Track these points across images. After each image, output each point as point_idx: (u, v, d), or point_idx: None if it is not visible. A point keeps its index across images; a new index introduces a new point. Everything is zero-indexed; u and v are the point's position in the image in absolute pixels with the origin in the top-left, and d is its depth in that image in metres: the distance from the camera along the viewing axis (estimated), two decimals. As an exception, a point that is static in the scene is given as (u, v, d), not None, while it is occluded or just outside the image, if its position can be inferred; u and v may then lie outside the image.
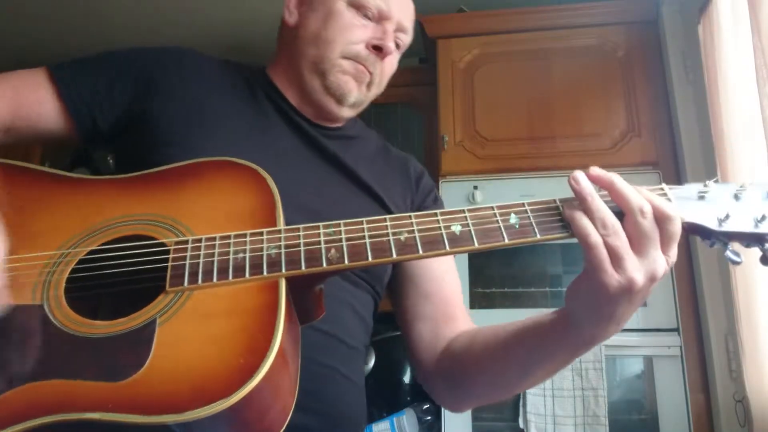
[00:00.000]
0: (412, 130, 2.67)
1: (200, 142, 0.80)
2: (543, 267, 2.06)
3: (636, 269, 0.57)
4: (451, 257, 0.95)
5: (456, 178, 2.18)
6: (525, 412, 1.88)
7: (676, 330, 1.91)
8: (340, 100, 0.90)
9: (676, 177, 2.05)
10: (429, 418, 2.14)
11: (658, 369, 1.89)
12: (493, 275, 2.09)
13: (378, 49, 0.89)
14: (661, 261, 0.58)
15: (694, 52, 1.99)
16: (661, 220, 0.58)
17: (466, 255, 2.07)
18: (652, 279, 0.58)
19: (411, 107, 2.68)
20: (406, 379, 2.21)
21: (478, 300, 2.06)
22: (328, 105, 0.91)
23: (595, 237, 0.58)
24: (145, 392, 0.50)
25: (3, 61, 2.97)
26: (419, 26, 2.40)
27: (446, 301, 0.91)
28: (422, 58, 2.75)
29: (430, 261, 0.92)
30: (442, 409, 1.98)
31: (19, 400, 0.51)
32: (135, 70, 0.87)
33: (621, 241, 0.58)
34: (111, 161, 2.92)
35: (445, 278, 0.93)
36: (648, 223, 0.58)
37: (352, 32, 0.88)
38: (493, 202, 2.06)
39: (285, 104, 0.92)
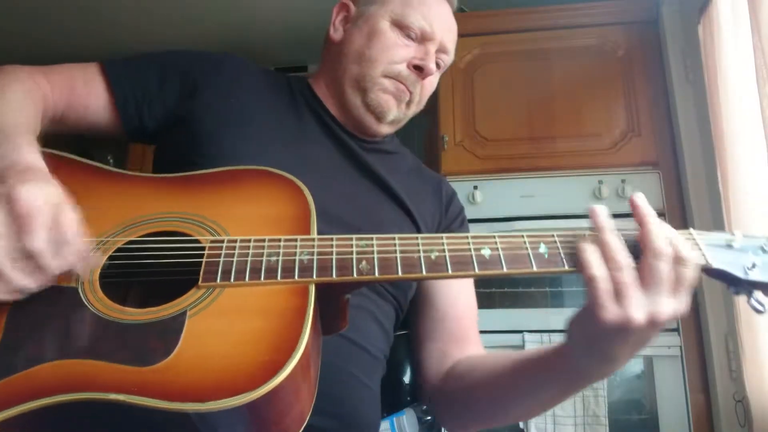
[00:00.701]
0: (412, 130, 2.67)
1: (239, 146, 0.82)
2: (543, 267, 2.06)
3: (637, 308, 0.56)
4: (470, 281, 0.97)
5: (456, 178, 2.17)
6: (525, 412, 1.88)
7: (676, 330, 1.91)
8: (379, 117, 0.92)
9: (676, 177, 2.05)
10: (429, 418, 2.14)
11: (658, 369, 1.89)
12: (493, 275, 2.09)
13: (419, 69, 0.91)
14: (668, 306, 0.57)
15: (694, 52, 1.99)
16: (678, 262, 0.58)
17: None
18: (652, 322, 0.57)
19: (411, 107, 2.68)
20: (406, 379, 2.21)
21: (478, 300, 2.06)
22: (367, 121, 0.93)
23: (594, 270, 0.58)
24: (170, 379, 0.51)
25: (3, 61, 2.97)
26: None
27: (458, 322, 0.92)
28: (422, 58, 2.75)
29: (449, 281, 0.93)
30: (442, 409, 1.98)
31: (48, 375, 0.52)
32: (183, 72, 0.89)
33: (626, 278, 0.57)
34: (111, 161, 2.92)
35: (460, 300, 0.94)
36: (664, 265, 0.57)
37: (395, 52, 0.90)
38: (493, 202, 2.06)
39: (325, 114, 0.94)
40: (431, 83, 0.97)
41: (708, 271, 0.64)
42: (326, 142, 0.92)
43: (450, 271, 0.61)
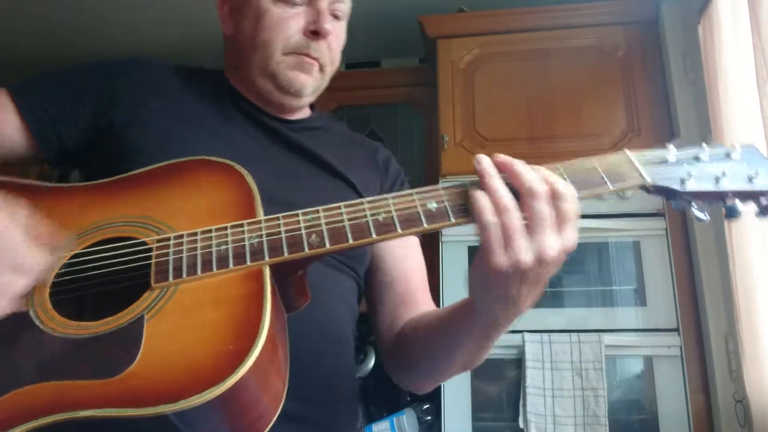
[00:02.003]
0: (412, 130, 2.67)
1: (167, 148, 0.80)
2: (543, 267, 2.06)
3: (524, 250, 0.57)
4: (416, 242, 0.97)
5: (456, 178, 2.17)
6: (525, 412, 1.88)
7: (676, 330, 1.91)
8: (297, 94, 0.90)
9: (676, 177, 2.05)
10: (429, 418, 2.14)
11: (658, 369, 1.89)
12: (493, 275, 2.09)
13: (316, 33, 0.88)
14: (553, 242, 0.58)
15: (694, 52, 1.99)
16: (555, 198, 0.59)
17: (466, 254, 2.08)
18: (541, 260, 0.58)
19: (411, 107, 2.68)
20: (406, 379, 2.22)
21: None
22: (286, 101, 0.91)
23: (487, 216, 0.59)
24: (137, 386, 0.51)
25: (3, 61, 2.97)
26: (419, 26, 2.40)
27: (406, 285, 0.92)
28: (422, 58, 2.75)
29: (393, 246, 0.94)
30: (442, 409, 1.98)
31: (12, 405, 0.51)
32: (97, 85, 0.87)
33: (512, 221, 0.58)
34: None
35: (407, 263, 0.94)
36: (540, 203, 0.58)
37: (286, 26, 0.88)
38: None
39: (246, 104, 0.93)
40: (337, 36, 0.93)
41: (648, 189, 0.65)
42: (254, 131, 0.91)
43: (399, 230, 0.61)
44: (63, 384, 0.52)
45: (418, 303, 0.90)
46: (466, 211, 0.61)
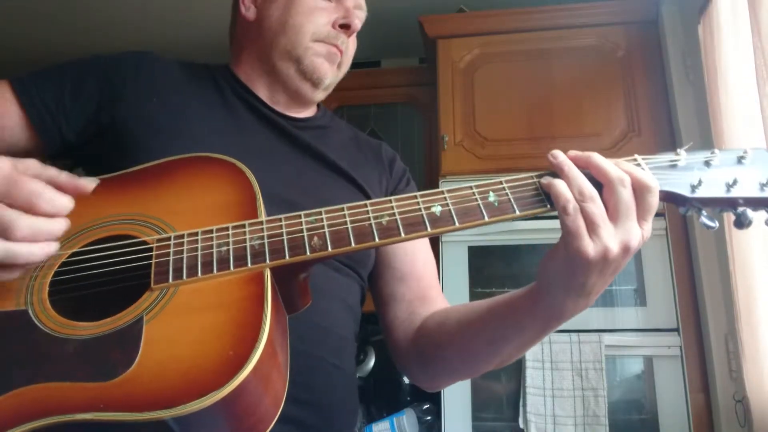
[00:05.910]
0: (412, 130, 2.67)
1: (172, 145, 0.79)
2: (543, 267, 2.06)
3: (611, 237, 0.58)
4: (425, 240, 0.96)
5: (456, 178, 2.18)
6: (525, 412, 1.88)
7: (676, 330, 1.91)
8: (316, 83, 0.92)
9: (676, 177, 2.05)
10: (429, 418, 2.14)
11: (658, 369, 1.89)
12: (493, 275, 2.09)
13: (345, 27, 0.92)
14: (636, 232, 0.59)
15: (694, 52, 1.99)
16: (640, 190, 0.60)
17: (466, 254, 2.08)
18: (625, 249, 0.59)
19: (411, 107, 2.68)
20: (406, 379, 2.21)
21: (478, 300, 2.06)
22: (303, 90, 0.93)
23: (573, 203, 0.59)
24: (135, 390, 0.50)
25: (3, 61, 2.97)
26: (419, 26, 2.40)
27: (420, 281, 0.92)
28: (422, 58, 2.75)
29: (402, 243, 0.92)
30: (442, 409, 1.98)
31: (8, 405, 0.50)
32: (98, 79, 0.86)
33: (598, 209, 0.59)
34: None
35: (418, 258, 0.94)
36: (627, 194, 0.59)
37: (318, 15, 0.91)
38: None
39: (254, 99, 0.93)
40: (354, 42, 0.98)
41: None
42: (260, 127, 0.91)
43: (403, 234, 0.60)
44: (60, 386, 0.51)
45: (434, 300, 0.89)
46: (472, 214, 0.61)
